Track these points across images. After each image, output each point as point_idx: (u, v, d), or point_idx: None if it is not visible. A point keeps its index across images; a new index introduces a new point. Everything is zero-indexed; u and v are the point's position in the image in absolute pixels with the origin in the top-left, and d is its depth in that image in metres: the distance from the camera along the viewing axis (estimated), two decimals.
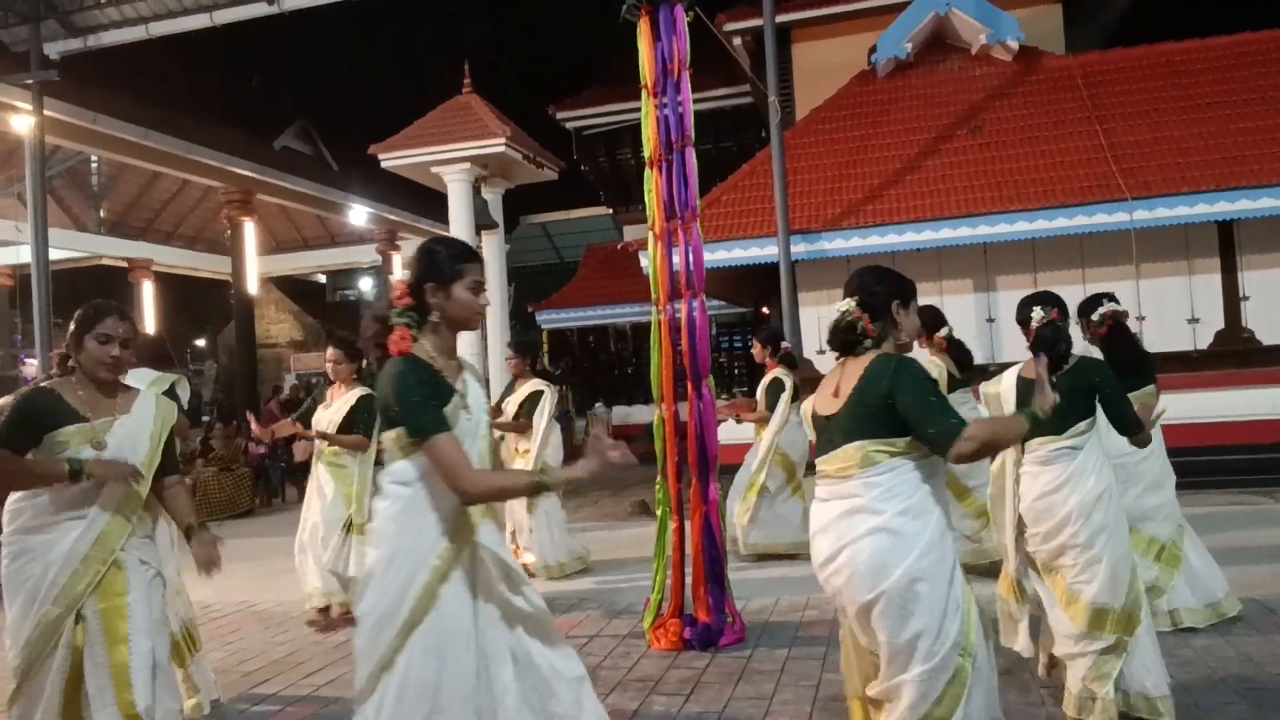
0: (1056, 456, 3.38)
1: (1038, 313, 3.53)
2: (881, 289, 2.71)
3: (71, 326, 2.96)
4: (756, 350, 6.94)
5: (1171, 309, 9.15)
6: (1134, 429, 3.47)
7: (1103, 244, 9.00)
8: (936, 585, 2.43)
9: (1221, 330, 9.15)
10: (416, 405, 2.32)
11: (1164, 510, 4.42)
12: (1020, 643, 3.69)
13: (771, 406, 6.58)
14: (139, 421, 3.03)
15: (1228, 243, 9.13)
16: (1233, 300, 9.14)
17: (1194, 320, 9.18)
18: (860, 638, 2.60)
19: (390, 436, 2.40)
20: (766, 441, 6.52)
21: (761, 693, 3.89)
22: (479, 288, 2.47)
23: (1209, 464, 8.56)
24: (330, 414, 5.54)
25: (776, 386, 6.59)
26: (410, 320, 2.42)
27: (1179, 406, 8.61)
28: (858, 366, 2.62)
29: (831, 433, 2.62)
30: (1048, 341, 3.40)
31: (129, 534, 2.94)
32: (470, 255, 2.52)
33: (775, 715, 3.64)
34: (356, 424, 5.50)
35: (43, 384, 3.04)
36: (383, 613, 2.29)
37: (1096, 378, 3.44)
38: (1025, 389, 3.41)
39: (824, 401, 2.70)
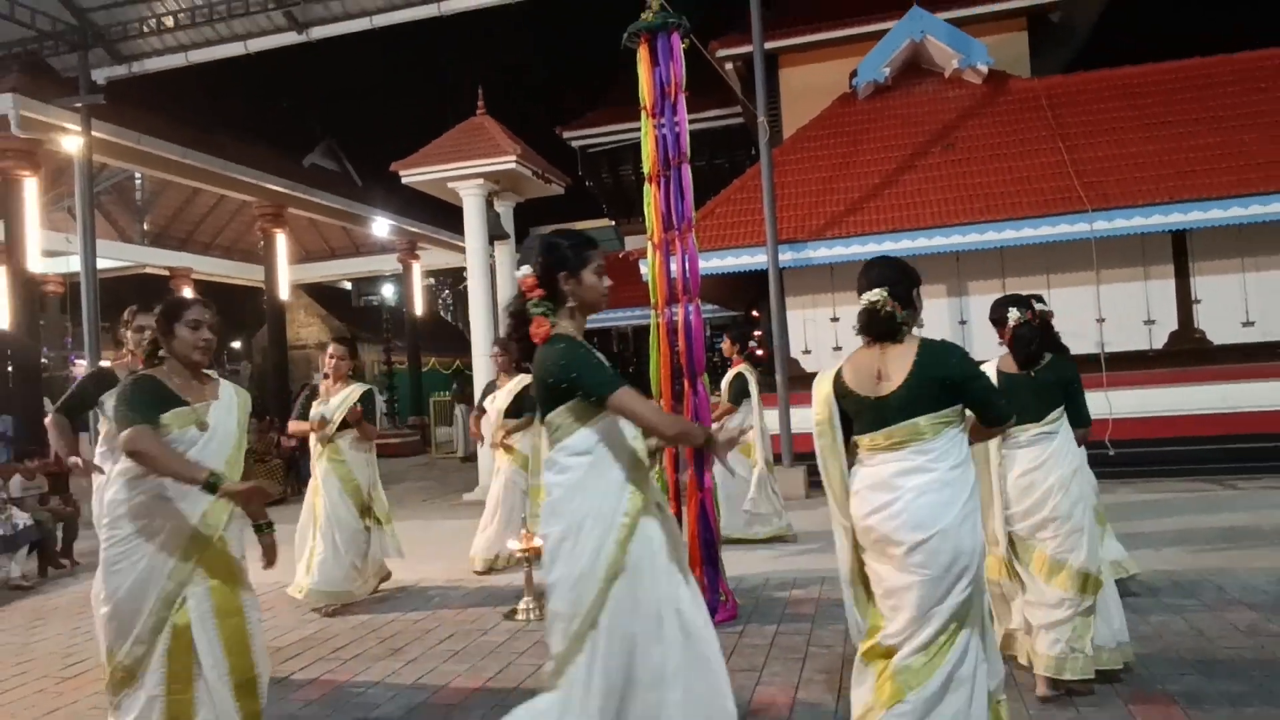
0: (1037, 440, 3.47)
1: (1014, 314, 3.56)
2: (904, 278, 2.73)
3: (157, 320, 2.89)
4: (726, 346, 6.95)
5: (1129, 311, 9.14)
6: (1087, 422, 3.61)
7: (1066, 252, 9.00)
8: (977, 525, 2.60)
9: (1175, 331, 9.13)
10: (594, 367, 2.38)
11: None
12: (1016, 619, 3.55)
13: (735, 399, 6.56)
14: (227, 406, 2.98)
15: (1181, 250, 9.11)
16: (1185, 303, 9.12)
17: (1150, 322, 9.16)
18: (884, 582, 2.63)
19: (561, 412, 2.41)
20: (757, 429, 6.49)
21: (753, 665, 3.89)
22: (603, 271, 2.54)
23: (1164, 454, 8.60)
24: (330, 409, 5.45)
25: (740, 381, 6.55)
26: (546, 309, 2.46)
27: (1137, 402, 8.74)
28: (902, 351, 2.65)
29: (883, 410, 2.64)
30: (1026, 340, 3.51)
31: (230, 513, 2.84)
32: (592, 243, 2.59)
33: (765, 685, 3.63)
34: (365, 416, 5.47)
35: (141, 371, 2.91)
36: (579, 576, 2.31)
37: (1068, 374, 3.56)
38: (1004, 381, 3.52)
39: (867, 384, 2.68)
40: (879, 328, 2.69)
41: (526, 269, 2.52)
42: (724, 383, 6.75)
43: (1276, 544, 5.51)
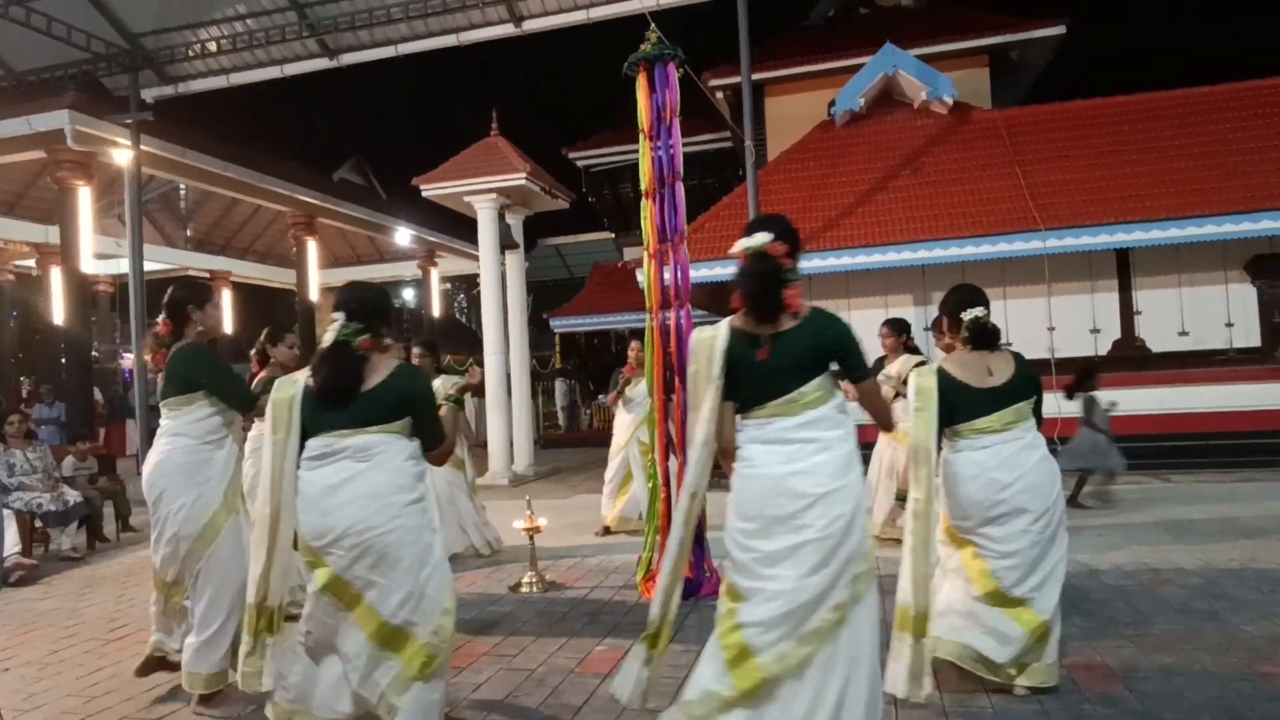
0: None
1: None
2: (985, 301, 3.21)
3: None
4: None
5: (1077, 321, 9.16)
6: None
7: (1020, 267, 9.01)
8: None
9: (1118, 339, 9.15)
10: (863, 352, 2.45)
11: None
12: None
13: None
14: None
15: (1124, 267, 9.13)
16: (1128, 314, 9.15)
17: (1095, 331, 9.18)
18: (989, 544, 3.04)
19: (823, 380, 2.36)
20: None
21: None
22: None
23: None
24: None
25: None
26: (799, 278, 2.46)
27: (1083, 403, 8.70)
28: (1001, 357, 3.16)
29: (994, 400, 3.06)
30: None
31: None
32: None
33: None
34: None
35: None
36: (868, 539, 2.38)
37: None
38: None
39: (978, 378, 3.11)
40: (991, 339, 3.14)
41: (767, 236, 2.42)
42: None
43: (1207, 533, 5.54)
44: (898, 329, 5.55)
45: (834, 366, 2.45)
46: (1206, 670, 3.17)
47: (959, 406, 3.05)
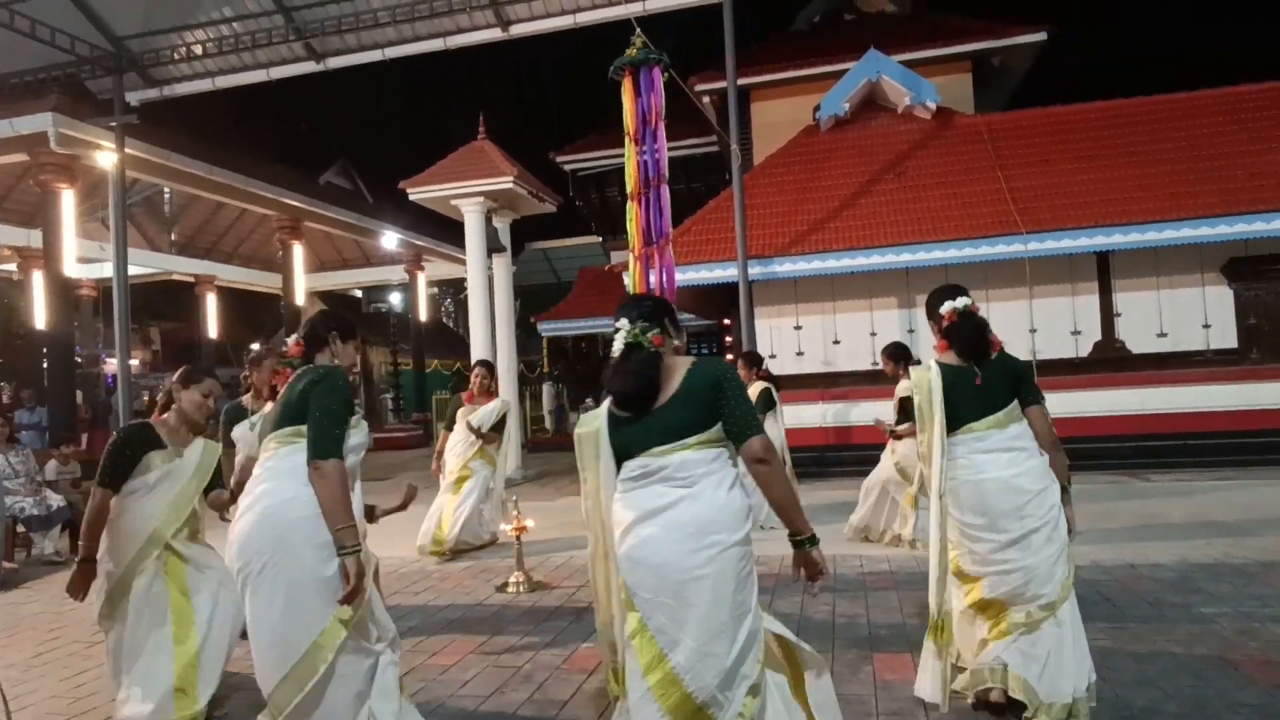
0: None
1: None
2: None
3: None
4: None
5: (1058, 323, 9.29)
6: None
7: (1003, 269, 9.13)
8: None
9: (1099, 341, 9.28)
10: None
11: None
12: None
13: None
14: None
15: (1104, 269, 9.27)
16: (1108, 316, 9.28)
17: (1076, 332, 9.31)
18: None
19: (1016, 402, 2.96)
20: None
21: None
22: None
23: (1088, 450, 8.69)
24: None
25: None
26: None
27: (1065, 403, 8.84)
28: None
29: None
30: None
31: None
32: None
33: None
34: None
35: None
36: None
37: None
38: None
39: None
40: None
41: (967, 300, 3.07)
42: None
43: (1183, 530, 5.64)
44: (896, 356, 5.66)
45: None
46: (1178, 660, 3.25)
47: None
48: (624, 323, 2.34)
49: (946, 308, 3.06)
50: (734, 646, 2.10)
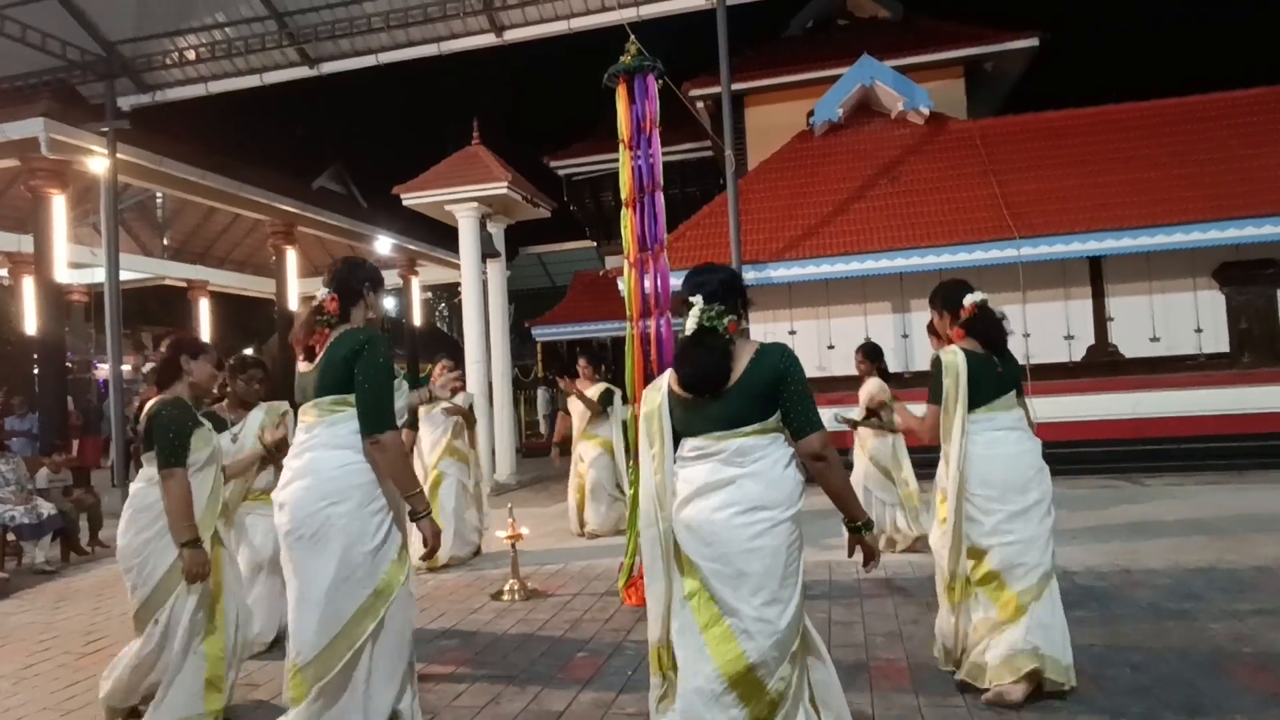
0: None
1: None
2: None
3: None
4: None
5: (1051, 328, 9.32)
6: None
7: (996, 274, 9.15)
8: None
9: (1092, 346, 9.32)
10: None
11: None
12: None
13: None
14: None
15: (1097, 274, 9.32)
16: (1101, 321, 9.32)
17: (1069, 337, 9.35)
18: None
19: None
20: None
21: None
22: None
23: (1081, 454, 8.76)
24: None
25: None
26: None
27: (1058, 408, 8.90)
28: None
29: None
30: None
31: None
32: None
33: None
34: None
35: None
36: None
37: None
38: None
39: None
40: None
41: (981, 296, 3.30)
42: None
43: (1177, 534, 5.66)
44: (872, 355, 5.78)
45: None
46: (1173, 667, 3.25)
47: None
48: (698, 300, 2.34)
49: (969, 300, 3.28)
50: (784, 615, 2.24)
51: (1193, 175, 8.99)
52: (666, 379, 2.44)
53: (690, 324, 2.32)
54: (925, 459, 4.13)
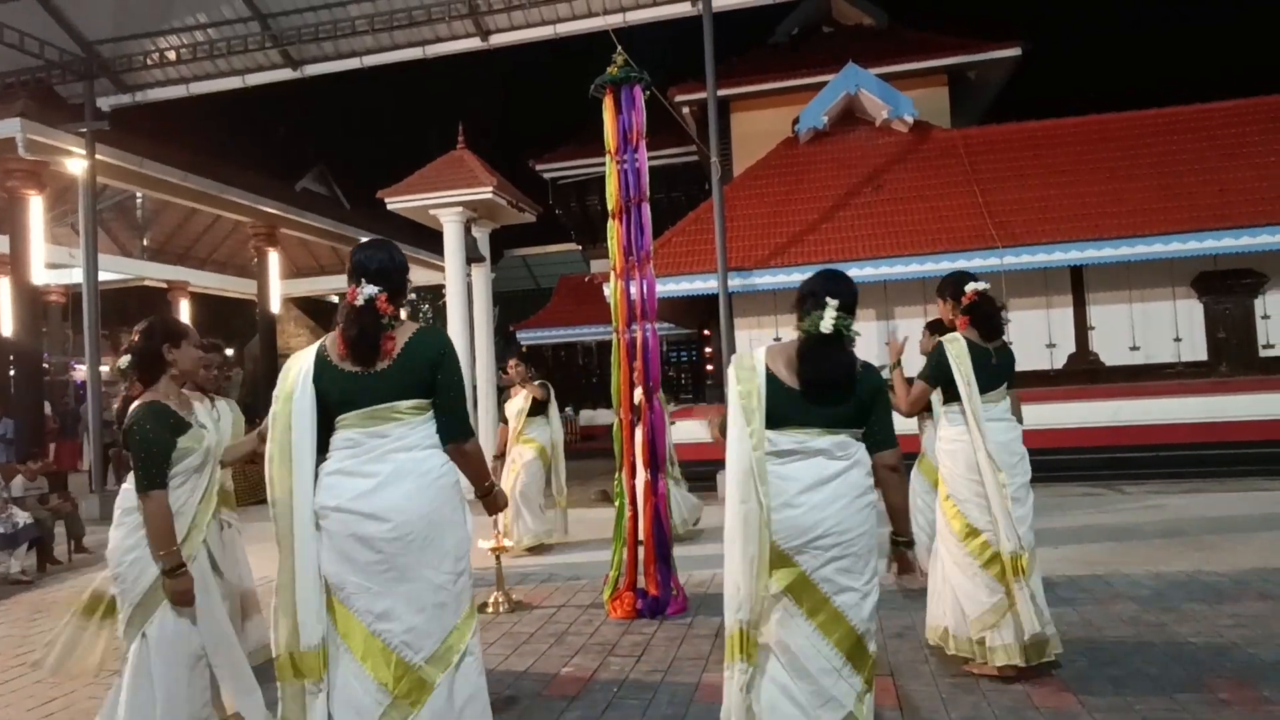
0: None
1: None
2: None
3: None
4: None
5: (1033, 335, 9.41)
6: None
7: None
8: None
9: (1073, 353, 9.42)
10: None
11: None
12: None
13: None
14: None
15: (1078, 283, 9.42)
16: (1082, 329, 9.42)
17: (1051, 345, 9.44)
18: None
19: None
20: None
21: (699, 653, 3.92)
22: None
23: (1062, 462, 8.81)
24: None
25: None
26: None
27: (1039, 415, 8.88)
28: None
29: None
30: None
31: None
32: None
33: (710, 673, 3.66)
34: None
35: None
36: None
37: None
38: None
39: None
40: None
41: (985, 285, 3.56)
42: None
43: (1156, 544, 5.72)
44: None
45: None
46: (1155, 683, 3.28)
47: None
48: (834, 304, 2.47)
49: (970, 287, 3.55)
50: (874, 584, 2.48)
51: (1172, 186, 9.11)
52: (763, 362, 2.51)
53: (826, 324, 2.42)
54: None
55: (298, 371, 2.47)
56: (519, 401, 6.69)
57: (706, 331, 14.75)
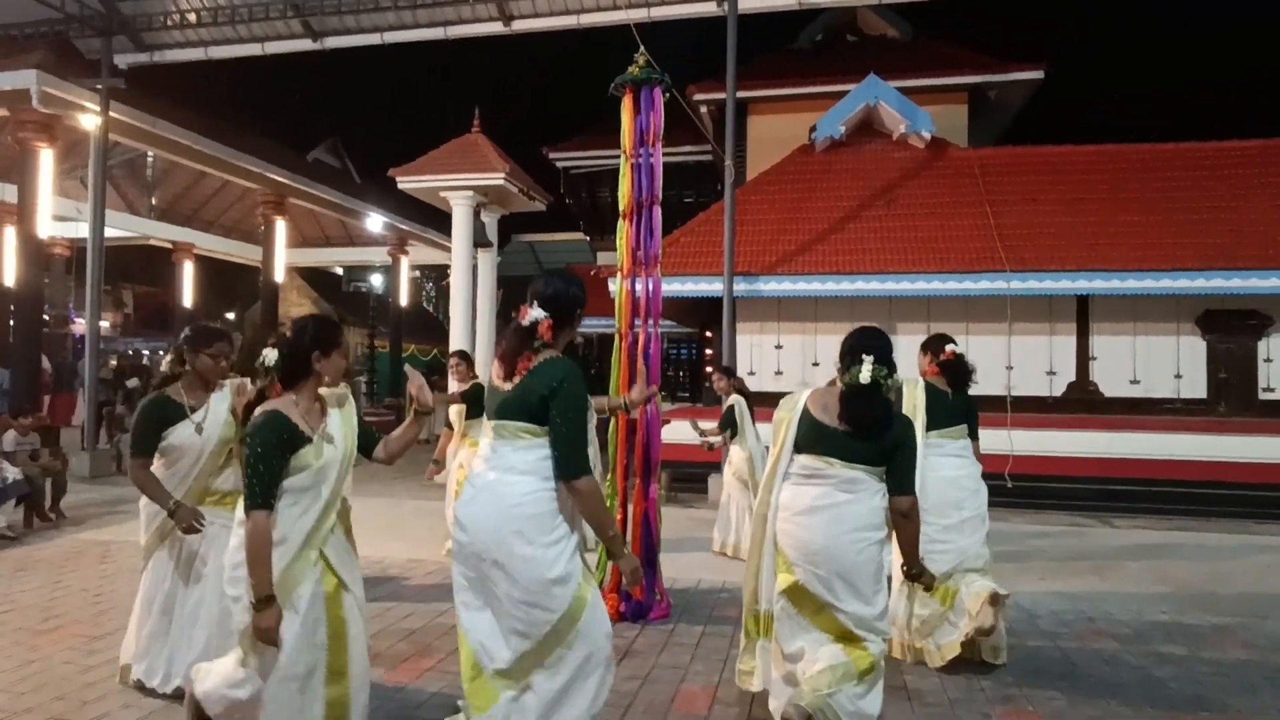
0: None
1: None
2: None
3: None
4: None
5: (1034, 362, 9.40)
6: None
7: (984, 305, 9.21)
8: None
9: (1073, 382, 9.40)
10: None
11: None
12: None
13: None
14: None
15: (1083, 312, 9.40)
16: (1084, 359, 9.41)
17: (1052, 372, 9.43)
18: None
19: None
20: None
21: (679, 663, 3.92)
22: None
23: (1055, 490, 8.82)
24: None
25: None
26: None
27: (1035, 441, 8.95)
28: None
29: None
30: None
31: None
32: None
33: (689, 682, 3.67)
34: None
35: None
36: None
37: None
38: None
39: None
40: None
41: (956, 347, 4.01)
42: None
43: (1142, 580, 5.71)
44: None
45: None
46: None
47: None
48: (871, 359, 2.86)
49: (950, 349, 4.01)
50: (871, 608, 2.86)
51: (1183, 222, 9.08)
52: (803, 401, 3.04)
53: (864, 376, 2.84)
54: None
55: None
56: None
57: (709, 333, 14.73)
